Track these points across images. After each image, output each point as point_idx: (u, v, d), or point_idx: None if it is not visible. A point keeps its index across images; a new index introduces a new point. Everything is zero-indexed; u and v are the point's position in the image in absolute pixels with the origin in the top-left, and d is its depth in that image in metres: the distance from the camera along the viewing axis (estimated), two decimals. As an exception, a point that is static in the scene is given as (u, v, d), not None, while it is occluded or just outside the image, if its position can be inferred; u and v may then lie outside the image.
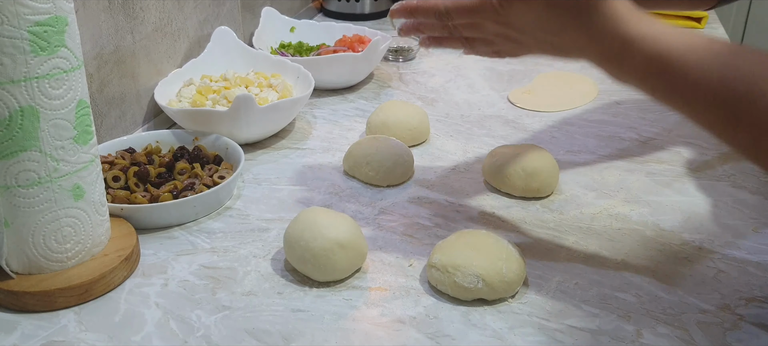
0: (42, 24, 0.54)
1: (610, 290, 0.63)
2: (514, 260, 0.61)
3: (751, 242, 0.70)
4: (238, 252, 0.68)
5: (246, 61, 1.03)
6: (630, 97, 1.07)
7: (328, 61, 1.05)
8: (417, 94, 1.09)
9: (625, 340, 0.57)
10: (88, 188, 0.61)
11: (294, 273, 0.65)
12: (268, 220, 0.74)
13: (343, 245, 0.62)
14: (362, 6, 1.48)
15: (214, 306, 0.60)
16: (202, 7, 1.04)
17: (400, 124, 0.89)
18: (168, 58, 0.97)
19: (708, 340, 0.57)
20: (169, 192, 0.72)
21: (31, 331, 0.57)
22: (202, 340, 0.56)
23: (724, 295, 0.62)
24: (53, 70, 0.56)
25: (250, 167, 0.85)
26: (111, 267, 0.62)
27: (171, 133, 0.84)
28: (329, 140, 0.93)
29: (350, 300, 0.61)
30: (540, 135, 0.95)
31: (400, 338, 0.57)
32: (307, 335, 0.57)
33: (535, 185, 0.77)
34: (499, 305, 0.61)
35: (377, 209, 0.76)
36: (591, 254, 0.68)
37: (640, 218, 0.74)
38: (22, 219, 0.58)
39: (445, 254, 0.62)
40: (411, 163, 0.83)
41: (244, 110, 0.82)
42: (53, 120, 0.57)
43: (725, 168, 0.85)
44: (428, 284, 0.63)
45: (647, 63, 0.53)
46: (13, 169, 0.56)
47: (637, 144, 0.92)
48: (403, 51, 1.25)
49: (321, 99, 1.07)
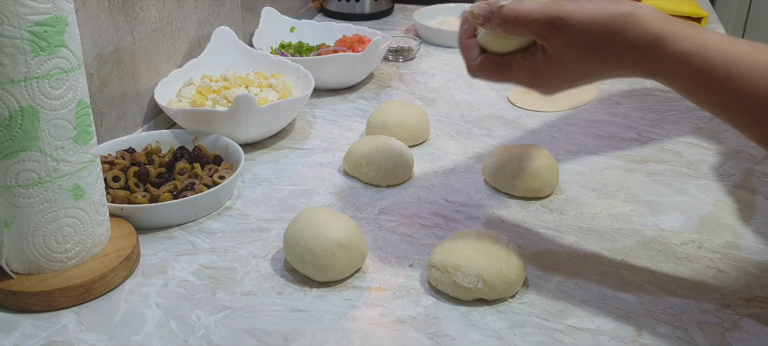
0: (42, 24, 0.54)
1: (610, 290, 0.63)
2: (514, 260, 0.61)
3: (751, 242, 0.70)
4: (238, 252, 0.68)
5: (246, 61, 1.03)
6: (630, 97, 1.07)
7: (328, 61, 1.05)
8: (417, 94, 1.09)
9: (625, 340, 0.57)
10: (88, 188, 0.61)
11: (294, 273, 0.65)
12: (268, 220, 0.74)
13: (342, 245, 0.62)
14: (362, 6, 1.48)
15: (214, 306, 0.60)
16: (202, 7, 1.04)
17: (400, 124, 0.89)
18: (168, 58, 0.97)
19: (708, 340, 0.57)
20: (169, 192, 0.72)
21: (31, 331, 0.57)
22: (202, 340, 0.56)
23: (724, 295, 0.62)
24: (53, 70, 0.56)
25: (250, 167, 0.85)
26: (111, 267, 0.62)
27: (171, 133, 0.84)
28: (329, 140, 0.93)
29: (350, 300, 0.61)
30: (540, 135, 0.95)
31: (400, 338, 0.57)
32: (307, 335, 0.57)
33: (535, 185, 0.77)
34: (499, 305, 0.61)
35: (377, 209, 0.76)
36: (591, 254, 0.68)
37: (640, 218, 0.74)
38: (22, 219, 0.58)
39: (445, 254, 0.62)
40: (411, 163, 0.83)
41: (244, 110, 0.82)
42: (53, 120, 0.57)
43: (725, 168, 0.85)
44: (428, 284, 0.63)
45: (692, 77, 0.52)
46: (13, 170, 0.56)
47: (637, 144, 0.92)
48: (403, 51, 1.25)
49: (321, 99, 1.07)
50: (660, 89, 1.10)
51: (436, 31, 1.32)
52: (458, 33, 0.63)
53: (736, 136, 0.93)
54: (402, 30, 1.42)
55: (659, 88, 1.10)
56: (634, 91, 1.10)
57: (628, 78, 0.56)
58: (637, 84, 1.12)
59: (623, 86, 1.12)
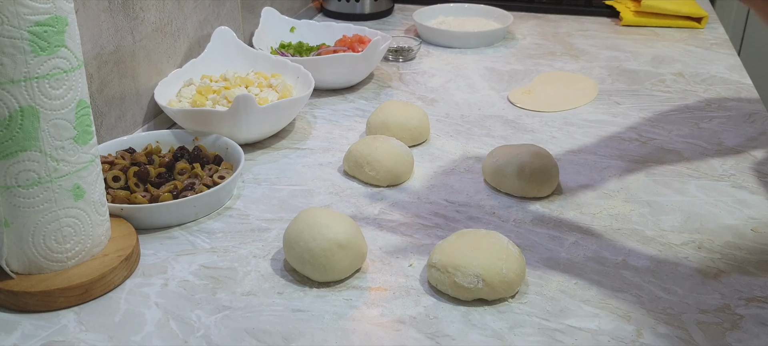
0: (42, 24, 0.54)
1: (610, 290, 0.63)
2: (514, 260, 0.61)
3: (751, 242, 0.70)
4: (238, 252, 0.68)
5: (246, 61, 1.03)
6: (630, 97, 1.07)
7: (328, 61, 1.05)
8: (417, 94, 1.09)
9: (625, 340, 0.57)
10: (88, 188, 0.61)
11: (294, 273, 0.65)
12: (268, 220, 0.74)
13: (342, 245, 0.62)
14: (362, 6, 1.48)
15: (214, 306, 0.60)
16: (202, 7, 1.04)
17: (400, 124, 0.89)
18: (168, 58, 0.97)
19: (708, 340, 0.57)
20: (169, 192, 0.72)
21: (31, 331, 0.57)
22: (202, 340, 0.56)
23: (724, 295, 0.62)
24: (53, 70, 0.56)
25: (250, 167, 0.85)
26: (111, 267, 0.62)
27: (171, 133, 0.84)
28: (329, 140, 0.93)
29: (350, 300, 0.61)
30: (540, 135, 0.95)
31: (400, 338, 0.57)
32: (307, 335, 0.57)
33: (535, 185, 0.77)
34: (499, 305, 0.61)
35: (377, 209, 0.76)
36: (591, 254, 0.68)
37: (640, 218, 0.74)
38: (22, 219, 0.58)
39: (445, 254, 0.62)
40: (411, 163, 0.83)
41: (244, 110, 0.82)
42: (53, 120, 0.57)
43: (725, 168, 0.85)
44: (428, 284, 0.63)
45: None
46: (13, 170, 0.56)
47: (637, 144, 0.92)
48: (403, 51, 1.25)
49: (321, 99, 1.07)
50: (660, 89, 1.10)
51: (436, 31, 1.32)
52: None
53: (736, 136, 0.93)
54: (402, 30, 1.42)
55: (659, 88, 1.10)
56: (634, 91, 1.10)
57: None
58: (637, 84, 1.12)
59: (623, 86, 1.12)
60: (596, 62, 1.23)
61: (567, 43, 1.34)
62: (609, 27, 1.44)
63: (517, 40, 1.35)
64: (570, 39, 1.37)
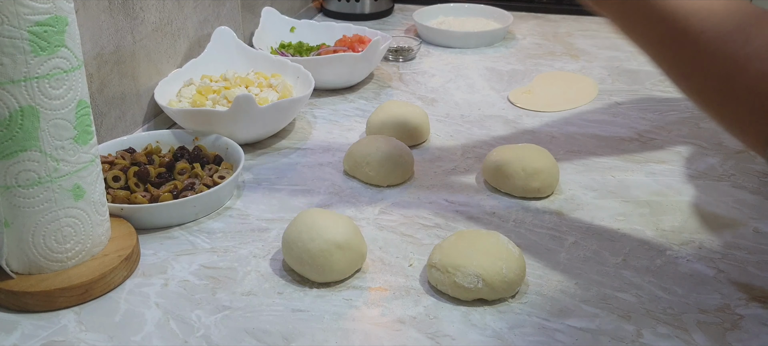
0: (42, 24, 0.54)
1: (610, 290, 0.63)
2: (514, 260, 0.61)
3: (751, 242, 0.70)
4: (238, 252, 0.68)
5: (246, 61, 1.03)
6: (630, 98, 1.07)
7: (328, 61, 1.05)
8: (417, 94, 1.09)
9: (625, 340, 0.57)
10: (88, 188, 0.61)
11: (294, 273, 0.65)
12: (268, 220, 0.74)
13: (340, 246, 0.62)
14: (362, 6, 1.48)
15: (214, 306, 0.60)
16: (202, 7, 1.04)
17: (400, 124, 0.89)
18: (168, 58, 0.97)
19: (708, 340, 0.57)
20: (169, 192, 0.72)
21: (31, 331, 0.57)
22: (202, 340, 0.56)
23: (724, 295, 0.62)
24: (53, 70, 0.56)
25: (250, 167, 0.85)
26: (111, 267, 0.62)
27: (171, 133, 0.84)
28: (329, 140, 0.93)
29: (350, 300, 0.61)
30: (540, 135, 0.95)
31: (400, 338, 0.57)
32: (307, 335, 0.57)
33: (535, 185, 0.77)
34: (499, 305, 0.61)
35: (377, 209, 0.76)
36: (591, 254, 0.68)
37: (640, 218, 0.74)
38: (22, 219, 0.58)
39: (445, 254, 0.62)
40: (411, 163, 0.83)
41: (244, 110, 0.82)
42: (53, 120, 0.57)
43: (725, 168, 0.85)
44: (428, 284, 0.63)
45: None
46: (13, 170, 0.56)
47: (637, 144, 0.92)
48: (403, 51, 1.25)
49: (321, 99, 1.07)
50: (660, 89, 1.10)
51: (436, 31, 1.32)
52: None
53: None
54: (402, 30, 1.42)
55: (659, 88, 1.10)
56: (634, 91, 1.10)
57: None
58: (637, 84, 1.12)
59: (623, 86, 1.12)
60: (596, 62, 1.23)
61: (567, 43, 1.34)
62: (609, 27, 1.44)
63: (517, 40, 1.36)
64: (570, 39, 1.37)
